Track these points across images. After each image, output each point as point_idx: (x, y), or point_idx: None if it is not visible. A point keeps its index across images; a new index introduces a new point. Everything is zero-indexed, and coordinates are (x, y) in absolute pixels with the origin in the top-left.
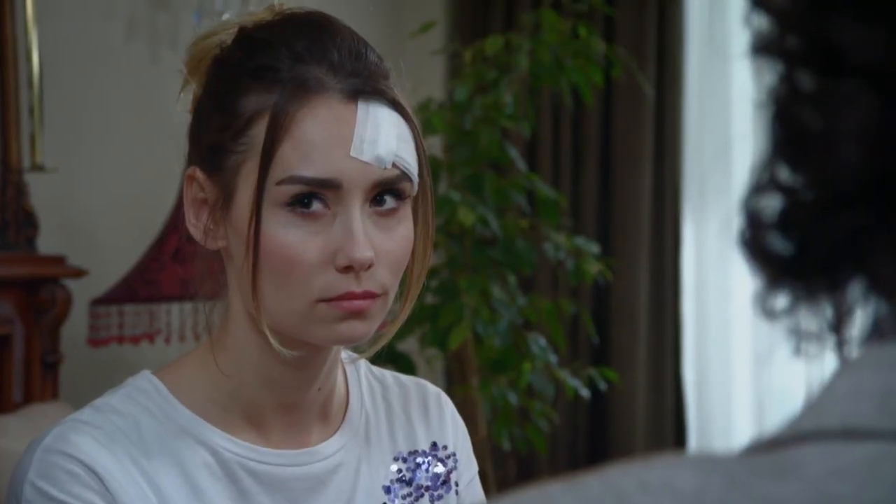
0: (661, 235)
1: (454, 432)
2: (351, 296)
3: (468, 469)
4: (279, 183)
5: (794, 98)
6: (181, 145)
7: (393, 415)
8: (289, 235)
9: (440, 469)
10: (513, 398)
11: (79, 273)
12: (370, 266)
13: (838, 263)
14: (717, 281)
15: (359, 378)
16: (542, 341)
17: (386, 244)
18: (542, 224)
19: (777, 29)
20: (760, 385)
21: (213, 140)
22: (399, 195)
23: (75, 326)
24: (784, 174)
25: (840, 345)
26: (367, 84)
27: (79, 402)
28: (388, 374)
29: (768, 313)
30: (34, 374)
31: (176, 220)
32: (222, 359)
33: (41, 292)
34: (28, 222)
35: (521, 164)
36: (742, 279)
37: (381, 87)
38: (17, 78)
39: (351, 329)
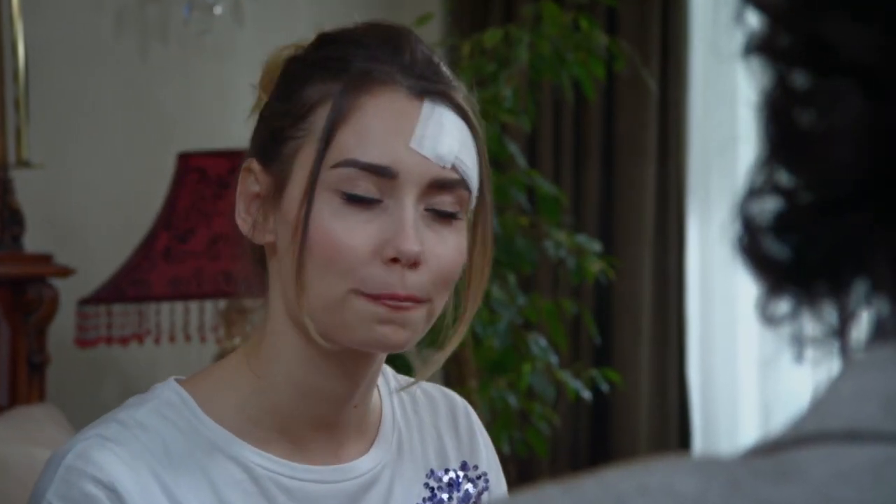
0: (665, 234)
1: (485, 451)
2: (394, 297)
3: (498, 487)
4: (335, 166)
5: (788, 98)
6: (171, 140)
7: (423, 429)
8: (338, 222)
9: (471, 489)
10: (512, 400)
11: (66, 272)
12: (416, 264)
13: (839, 266)
14: (722, 280)
15: (389, 388)
16: (543, 342)
17: (436, 248)
18: (542, 221)
19: (770, 28)
20: (767, 387)
21: (273, 127)
22: (456, 203)
23: (62, 327)
24: (780, 176)
25: (843, 348)
26: (435, 86)
27: (66, 404)
28: (415, 386)
29: (770, 320)
30: (20, 375)
31: (167, 218)
32: (258, 365)
33: (27, 292)
34: (14, 220)
35: (520, 160)
36: (747, 279)
37: (450, 92)
38: (2, 71)
39: (392, 334)
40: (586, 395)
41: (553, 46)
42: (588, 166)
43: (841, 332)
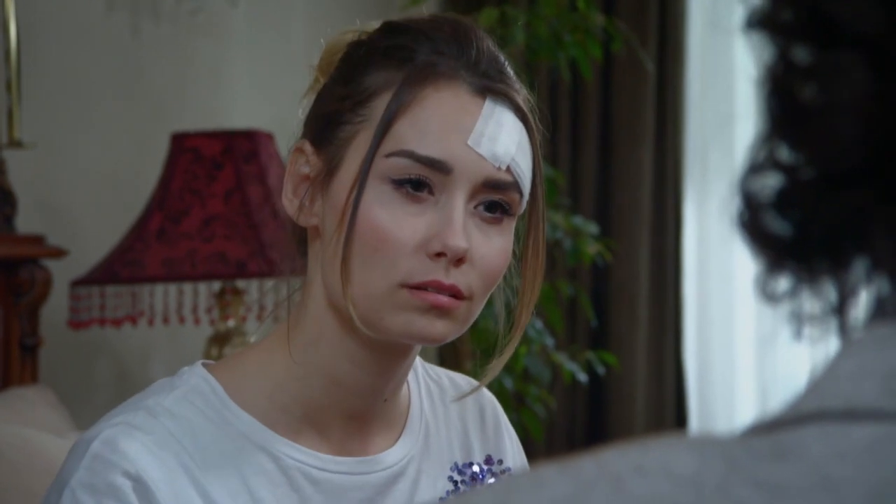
0: (663, 215)
1: (511, 448)
2: (437, 284)
3: None
4: (389, 155)
5: (790, 73)
6: (165, 120)
7: (450, 421)
8: (386, 212)
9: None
10: (508, 383)
11: (59, 253)
12: (462, 260)
13: (840, 243)
14: (719, 262)
15: (417, 379)
16: (539, 324)
17: (482, 247)
18: None
19: (771, 2)
20: (764, 370)
21: (331, 110)
22: (506, 207)
23: (55, 308)
24: (782, 152)
25: (843, 326)
26: (498, 85)
27: (59, 385)
28: (443, 375)
29: (769, 297)
30: (13, 357)
31: (160, 199)
32: (294, 350)
33: (20, 273)
34: (6, 201)
35: None
36: (745, 261)
37: (511, 93)
38: None
39: (430, 326)
40: (582, 377)
41: (549, 27)
42: (585, 147)
43: (840, 309)
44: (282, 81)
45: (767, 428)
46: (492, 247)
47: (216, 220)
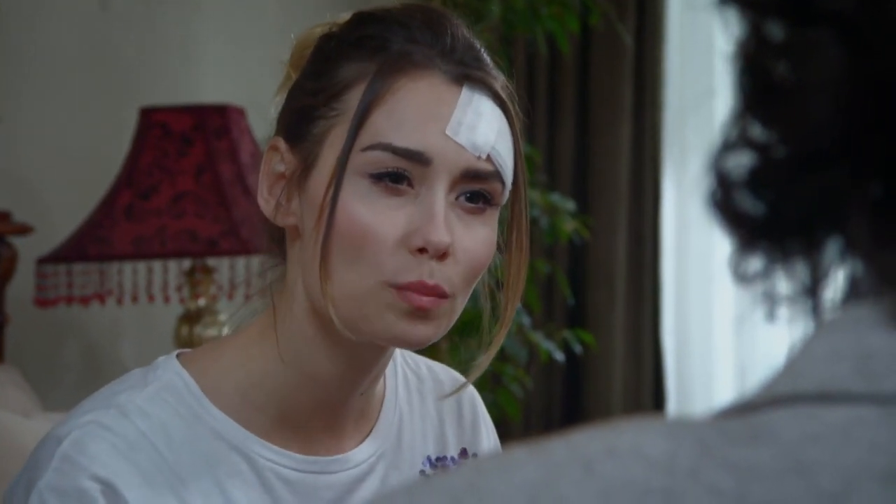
0: (641, 192)
1: (487, 441)
2: (421, 286)
3: None
4: (366, 149)
5: (763, 49)
6: (133, 94)
7: (426, 413)
8: (366, 207)
9: None
10: None
11: (24, 230)
12: (444, 255)
13: (813, 223)
14: (698, 240)
15: (395, 368)
16: None
17: (465, 240)
18: None
19: None
20: (743, 348)
21: (304, 105)
22: (488, 197)
23: (21, 286)
24: (755, 130)
25: (816, 307)
26: (475, 73)
27: (26, 365)
28: (423, 364)
29: (742, 277)
30: None
31: (128, 175)
32: (271, 348)
33: None
34: None
35: None
36: (724, 238)
37: (489, 80)
38: None
39: (413, 330)
40: (559, 356)
41: (526, 0)
42: (562, 123)
43: (813, 290)
44: (254, 55)
45: (741, 410)
46: (475, 239)
47: (186, 196)
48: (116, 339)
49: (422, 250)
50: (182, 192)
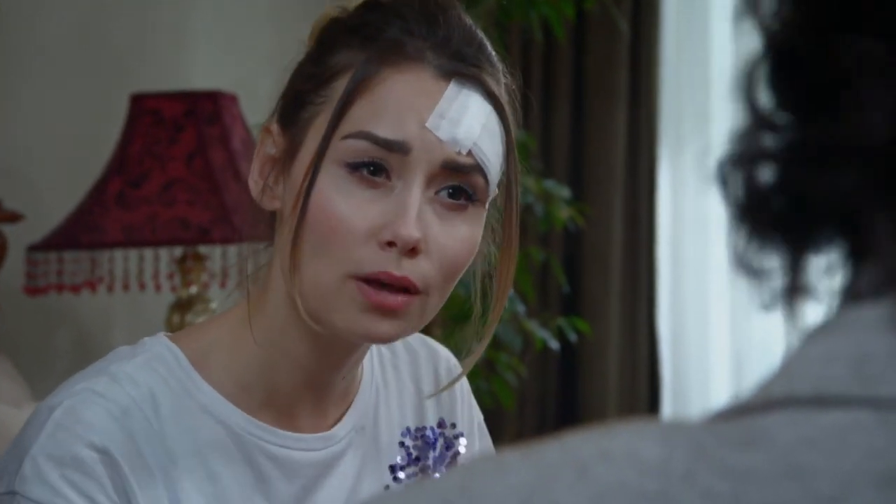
0: (636, 179)
1: (462, 408)
2: (387, 276)
3: (473, 446)
4: (346, 137)
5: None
6: (124, 80)
7: (403, 385)
8: (340, 198)
9: (447, 447)
10: None
11: (14, 217)
12: (416, 251)
13: (823, 221)
14: (693, 228)
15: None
16: (510, 291)
17: (440, 237)
18: None
19: None
20: (739, 337)
21: (298, 89)
22: (470, 193)
23: (11, 274)
24: (781, 118)
25: (806, 305)
26: (467, 69)
27: (16, 353)
28: None
29: (745, 268)
30: None
31: (119, 162)
32: (257, 332)
33: None
34: None
35: None
36: (719, 227)
37: (483, 77)
38: None
39: (376, 326)
40: (554, 344)
41: None
42: (557, 109)
43: (813, 290)
44: (246, 41)
45: (736, 413)
46: (453, 236)
47: (177, 184)
48: (108, 327)
49: (390, 244)
50: (173, 179)
